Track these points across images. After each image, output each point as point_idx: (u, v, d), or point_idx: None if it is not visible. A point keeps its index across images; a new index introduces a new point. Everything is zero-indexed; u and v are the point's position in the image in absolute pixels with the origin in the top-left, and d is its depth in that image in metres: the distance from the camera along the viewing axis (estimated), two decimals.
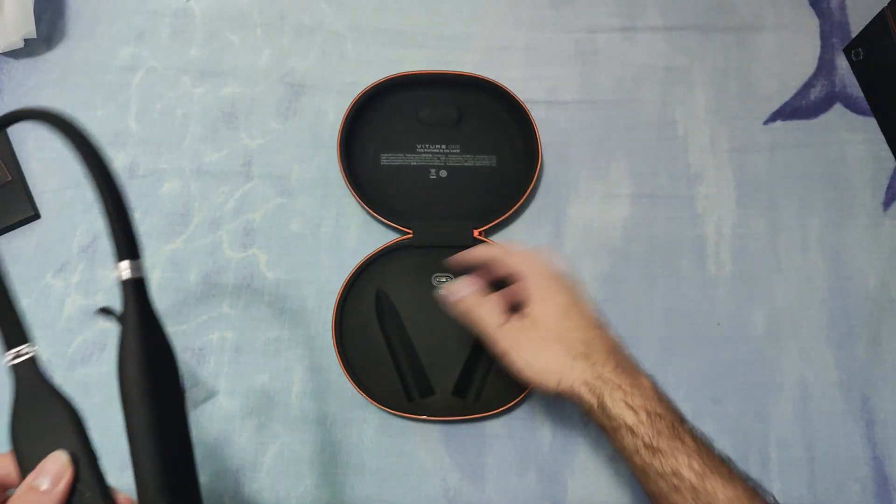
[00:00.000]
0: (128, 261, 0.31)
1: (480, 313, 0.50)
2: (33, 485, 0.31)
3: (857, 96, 0.69)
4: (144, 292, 0.32)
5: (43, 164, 0.65)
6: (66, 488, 0.31)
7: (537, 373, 0.46)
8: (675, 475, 0.40)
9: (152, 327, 0.32)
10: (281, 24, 0.70)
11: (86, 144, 0.31)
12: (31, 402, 0.34)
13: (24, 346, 0.35)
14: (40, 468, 0.31)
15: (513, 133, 0.66)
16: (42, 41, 0.69)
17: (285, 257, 0.62)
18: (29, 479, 0.31)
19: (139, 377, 0.30)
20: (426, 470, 0.57)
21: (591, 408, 0.44)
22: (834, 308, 0.62)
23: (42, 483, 0.31)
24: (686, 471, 0.40)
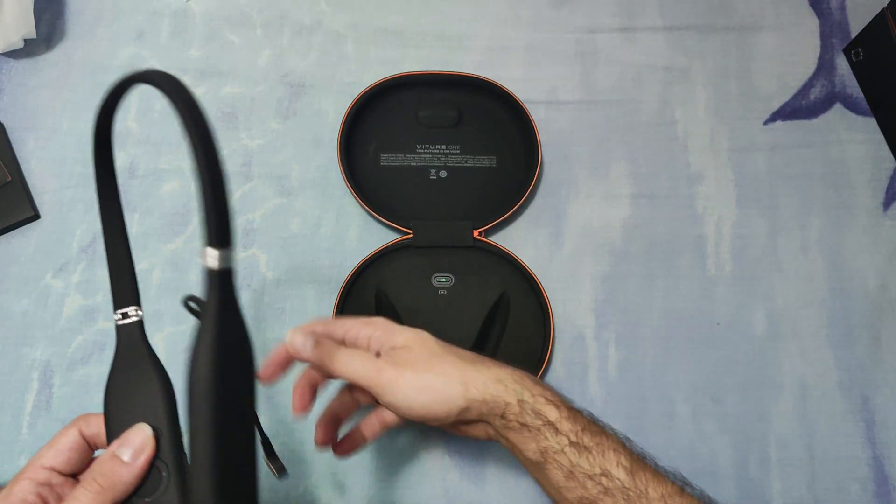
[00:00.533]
0: (218, 250, 0.30)
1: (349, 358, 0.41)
2: (116, 453, 0.31)
3: (856, 96, 0.69)
4: (231, 286, 0.31)
5: (43, 165, 0.64)
6: (145, 463, 0.31)
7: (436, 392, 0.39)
8: (605, 475, 0.37)
9: (234, 324, 0.31)
10: (281, 24, 0.70)
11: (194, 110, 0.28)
12: (130, 367, 0.34)
13: (132, 307, 0.35)
14: (125, 438, 0.32)
15: (513, 133, 0.66)
16: (42, 41, 0.69)
17: (285, 257, 0.62)
18: (113, 446, 0.31)
19: (210, 376, 0.29)
20: (426, 470, 0.57)
21: (507, 408, 0.39)
22: (834, 308, 0.62)
23: (124, 454, 0.31)
24: (615, 469, 0.37)
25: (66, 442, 0.34)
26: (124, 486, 0.31)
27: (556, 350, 0.60)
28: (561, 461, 0.38)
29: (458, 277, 0.60)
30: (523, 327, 0.60)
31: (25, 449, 0.56)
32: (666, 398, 0.59)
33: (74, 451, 0.34)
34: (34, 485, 0.32)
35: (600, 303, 0.62)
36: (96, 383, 0.58)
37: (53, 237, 0.62)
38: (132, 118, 0.66)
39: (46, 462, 0.33)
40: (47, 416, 0.57)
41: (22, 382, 0.58)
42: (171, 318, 0.60)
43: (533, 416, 0.39)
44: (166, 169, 0.65)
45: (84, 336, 0.59)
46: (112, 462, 0.31)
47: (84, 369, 0.59)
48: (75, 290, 0.61)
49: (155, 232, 0.63)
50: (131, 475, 0.31)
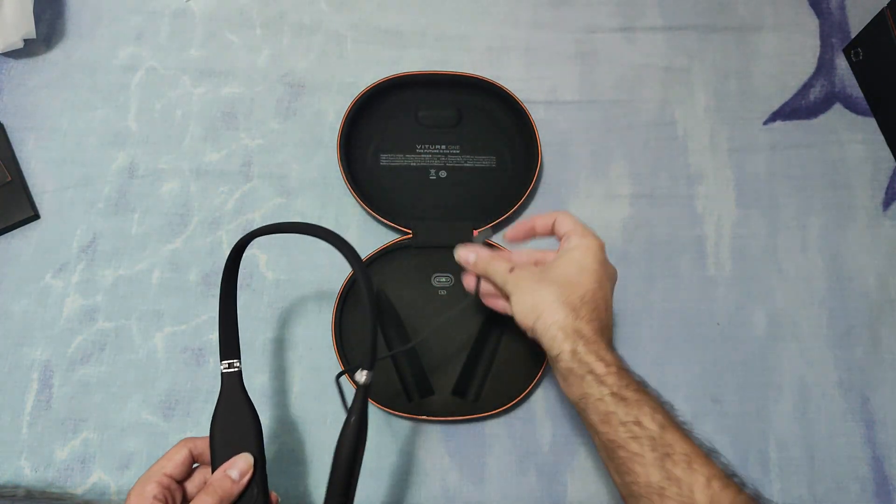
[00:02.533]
0: (367, 371, 0.43)
1: (492, 267, 0.50)
2: (227, 473, 0.42)
3: (856, 96, 0.69)
4: (367, 395, 0.43)
5: (43, 165, 0.64)
6: (246, 482, 0.43)
7: (522, 309, 0.47)
8: (637, 424, 0.40)
9: (365, 421, 0.43)
10: (281, 24, 0.70)
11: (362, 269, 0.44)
12: (231, 407, 0.45)
13: (235, 360, 0.47)
14: (233, 462, 0.43)
15: (512, 133, 0.66)
16: (41, 41, 0.69)
17: (285, 257, 0.62)
18: (225, 466, 0.42)
19: (350, 453, 0.42)
20: (426, 470, 0.57)
21: (561, 353, 0.44)
22: (834, 308, 0.62)
23: (233, 474, 0.42)
24: (648, 421, 0.40)
25: (179, 458, 0.43)
26: (231, 498, 0.42)
27: None
28: (598, 407, 0.42)
29: (458, 277, 0.60)
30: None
31: (25, 449, 0.56)
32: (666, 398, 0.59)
33: (185, 464, 0.43)
34: (160, 487, 0.41)
35: None
36: (96, 383, 0.58)
37: (53, 237, 0.62)
38: (132, 118, 0.66)
39: (167, 471, 0.42)
40: (47, 416, 0.57)
41: (22, 382, 0.58)
42: (171, 318, 0.60)
43: (579, 365, 0.43)
44: (166, 169, 0.65)
45: (84, 336, 0.59)
46: (225, 479, 0.42)
47: (84, 369, 0.58)
48: (75, 290, 0.61)
49: (155, 232, 0.63)
50: (238, 490, 0.42)
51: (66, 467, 0.56)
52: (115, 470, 0.56)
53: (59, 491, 0.55)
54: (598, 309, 0.46)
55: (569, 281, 0.46)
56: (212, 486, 0.42)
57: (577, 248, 0.48)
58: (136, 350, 0.59)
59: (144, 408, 0.58)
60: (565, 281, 0.46)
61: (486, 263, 0.51)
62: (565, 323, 0.44)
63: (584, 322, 0.45)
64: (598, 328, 0.45)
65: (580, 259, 0.47)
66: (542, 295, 0.46)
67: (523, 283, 0.47)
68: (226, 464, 0.43)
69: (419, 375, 0.58)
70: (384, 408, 0.56)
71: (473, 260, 0.52)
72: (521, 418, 0.58)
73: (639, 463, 0.40)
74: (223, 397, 0.45)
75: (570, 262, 0.47)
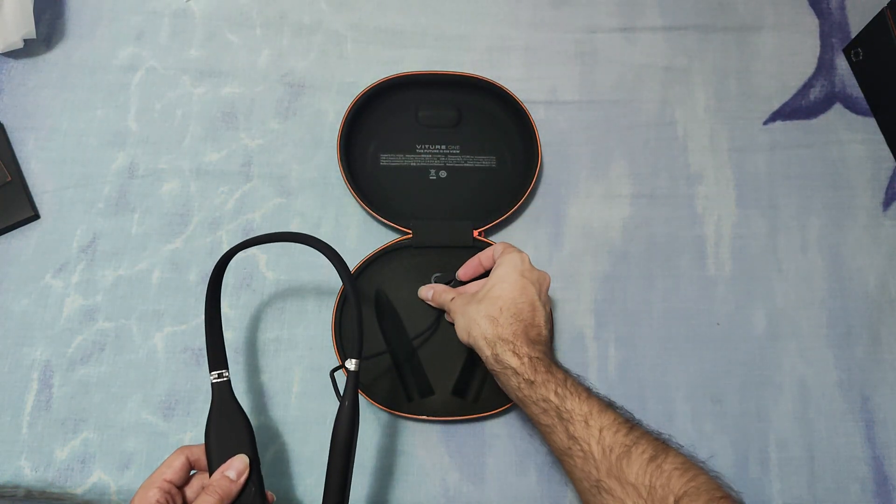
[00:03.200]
0: (355, 360, 0.46)
1: (441, 298, 0.58)
2: (225, 474, 0.45)
3: (856, 96, 0.69)
4: (357, 382, 0.46)
5: (42, 165, 0.64)
6: (244, 481, 0.46)
7: (458, 329, 0.53)
8: (544, 400, 0.47)
9: (356, 406, 0.46)
10: (280, 24, 0.70)
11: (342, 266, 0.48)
12: (223, 414, 0.48)
13: (223, 370, 0.49)
14: (230, 464, 0.46)
15: (512, 133, 0.66)
16: (41, 41, 0.69)
17: (285, 257, 0.62)
18: (222, 468, 0.45)
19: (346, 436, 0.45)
20: (426, 470, 0.57)
21: (486, 359, 0.50)
22: (833, 308, 0.62)
23: (231, 474, 0.45)
24: (552, 395, 0.46)
25: (177, 464, 0.46)
26: (231, 497, 0.45)
27: (556, 350, 0.60)
28: (518, 395, 0.49)
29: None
30: None
31: (25, 449, 0.56)
32: (666, 398, 0.59)
33: (183, 470, 0.46)
34: (161, 493, 0.44)
35: (600, 303, 0.62)
36: (96, 383, 0.58)
37: (53, 237, 0.62)
38: (132, 118, 0.66)
39: (167, 477, 0.45)
40: (47, 416, 0.57)
41: (22, 382, 0.58)
42: (170, 318, 0.60)
43: (500, 365, 0.49)
44: (166, 169, 0.65)
45: (84, 336, 0.59)
46: (223, 479, 0.45)
47: (84, 369, 0.58)
48: (75, 291, 0.61)
49: (155, 232, 0.63)
50: (236, 488, 0.45)
51: (66, 467, 0.56)
52: (115, 470, 0.56)
53: (59, 491, 0.55)
54: (519, 313, 0.51)
55: (491, 296, 0.52)
56: (212, 486, 0.44)
57: (500, 265, 0.54)
58: (136, 350, 0.59)
59: (144, 408, 0.58)
60: (488, 297, 0.52)
61: (437, 296, 0.58)
62: (487, 333, 0.50)
63: (503, 328, 0.50)
64: (518, 330, 0.50)
65: (502, 274, 0.53)
66: (470, 313, 0.52)
67: (459, 307, 0.54)
68: (223, 465, 0.46)
69: (419, 375, 0.58)
70: (384, 408, 0.56)
71: (430, 295, 0.59)
72: (521, 418, 0.58)
73: (553, 433, 0.46)
74: (215, 406, 0.48)
75: (495, 279, 0.53)
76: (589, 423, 0.45)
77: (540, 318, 0.52)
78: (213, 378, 0.49)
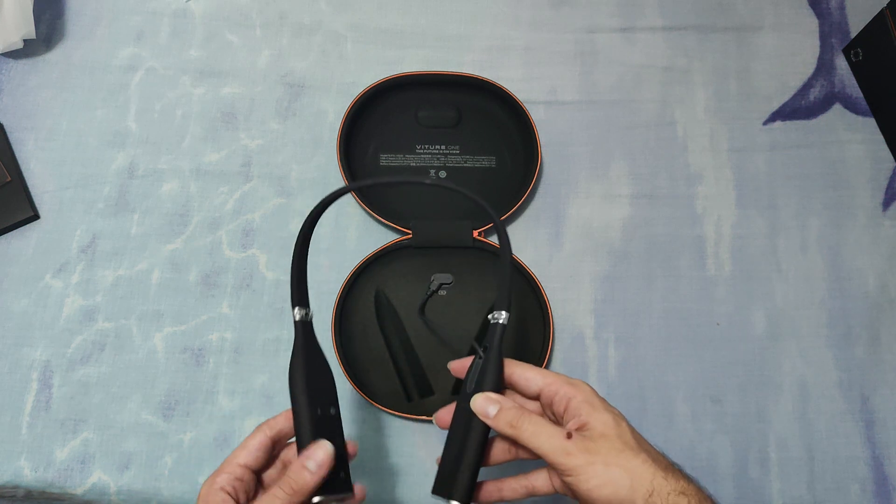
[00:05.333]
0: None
1: (536, 430, 0.41)
2: (305, 464, 0.40)
3: (856, 97, 0.69)
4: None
5: (42, 165, 0.64)
6: (324, 473, 0.40)
7: (621, 489, 0.39)
8: None
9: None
10: (280, 24, 0.70)
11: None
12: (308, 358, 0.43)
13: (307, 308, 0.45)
14: (311, 453, 0.40)
15: (512, 133, 0.66)
16: (41, 42, 0.69)
17: (285, 257, 0.62)
18: (302, 458, 0.40)
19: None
20: (426, 470, 0.57)
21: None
22: (833, 308, 0.62)
23: (311, 465, 0.40)
24: None
25: (254, 444, 0.42)
26: (308, 490, 0.39)
27: (556, 350, 0.60)
28: None
29: (458, 277, 0.60)
30: (523, 327, 0.60)
31: (25, 449, 0.56)
32: (665, 398, 0.59)
33: (262, 450, 0.42)
34: (232, 478, 0.40)
35: (600, 303, 0.62)
36: (95, 384, 0.58)
37: (53, 237, 0.62)
38: (132, 118, 0.66)
39: (241, 460, 0.41)
40: (47, 416, 0.57)
41: (22, 382, 0.58)
42: (170, 318, 0.60)
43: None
44: (166, 169, 0.65)
45: (84, 336, 0.59)
46: (302, 471, 0.39)
47: (84, 369, 0.58)
48: (75, 291, 0.61)
49: (154, 232, 0.63)
50: (314, 481, 0.39)
51: (66, 467, 0.56)
52: (114, 470, 0.56)
53: (58, 491, 0.55)
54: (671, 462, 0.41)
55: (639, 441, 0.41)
56: (287, 477, 0.40)
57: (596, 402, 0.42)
58: (136, 350, 0.59)
59: (144, 408, 0.58)
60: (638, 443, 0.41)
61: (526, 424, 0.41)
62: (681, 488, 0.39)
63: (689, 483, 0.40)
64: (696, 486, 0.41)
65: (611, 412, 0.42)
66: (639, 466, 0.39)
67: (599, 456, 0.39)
68: (304, 453, 0.40)
69: (419, 375, 0.58)
70: (384, 408, 0.56)
71: (494, 414, 0.42)
72: None
73: None
74: (297, 349, 0.43)
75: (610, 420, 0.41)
76: None
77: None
78: (296, 315, 0.44)
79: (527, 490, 0.44)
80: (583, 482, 0.39)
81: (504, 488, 0.44)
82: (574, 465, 0.39)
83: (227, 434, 0.57)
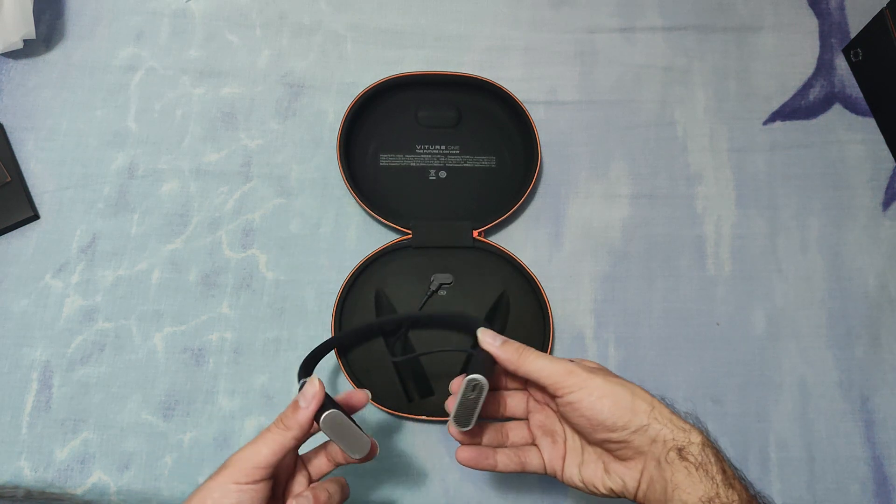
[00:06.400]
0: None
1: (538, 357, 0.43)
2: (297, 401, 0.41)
3: (856, 97, 0.69)
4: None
5: (42, 165, 0.64)
6: (316, 406, 0.41)
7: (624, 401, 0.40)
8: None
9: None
10: (280, 25, 0.70)
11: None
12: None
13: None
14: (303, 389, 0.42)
15: (512, 133, 0.66)
16: (41, 42, 0.69)
17: (285, 258, 0.62)
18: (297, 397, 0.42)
19: None
20: (426, 470, 0.57)
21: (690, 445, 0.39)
22: (833, 308, 0.62)
23: (301, 399, 0.41)
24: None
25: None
26: (301, 423, 0.41)
27: (556, 350, 0.61)
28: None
29: (458, 277, 0.60)
30: (523, 327, 0.60)
31: (25, 449, 0.56)
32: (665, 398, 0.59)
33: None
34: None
35: (600, 303, 0.62)
36: (95, 384, 0.58)
37: (53, 237, 0.62)
38: (132, 118, 0.66)
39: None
40: (47, 416, 0.57)
41: (22, 382, 0.58)
42: (170, 318, 0.60)
43: (713, 462, 0.38)
44: (166, 169, 0.65)
45: (84, 336, 0.59)
46: (293, 406, 0.41)
47: (83, 369, 0.58)
48: (74, 291, 0.61)
49: (154, 232, 0.63)
50: (307, 415, 0.41)
51: (66, 467, 0.56)
52: (114, 470, 0.56)
53: (58, 491, 0.55)
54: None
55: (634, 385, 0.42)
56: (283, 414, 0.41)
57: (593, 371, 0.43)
58: (136, 350, 0.59)
59: (144, 408, 0.58)
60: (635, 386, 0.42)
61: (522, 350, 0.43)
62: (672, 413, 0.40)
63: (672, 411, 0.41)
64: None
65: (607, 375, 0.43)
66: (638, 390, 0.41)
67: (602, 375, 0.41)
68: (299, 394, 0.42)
69: (419, 376, 0.58)
70: (384, 408, 0.56)
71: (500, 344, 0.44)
72: None
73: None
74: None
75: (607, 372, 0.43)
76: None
77: None
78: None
79: (519, 463, 0.46)
80: (585, 396, 0.40)
81: (500, 455, 0.46)
82: (575, 381, 0.41)
83: (227, 434, 0.57)
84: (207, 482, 0.40)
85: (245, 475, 0.40)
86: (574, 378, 0.41)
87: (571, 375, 0.41)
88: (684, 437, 0.39)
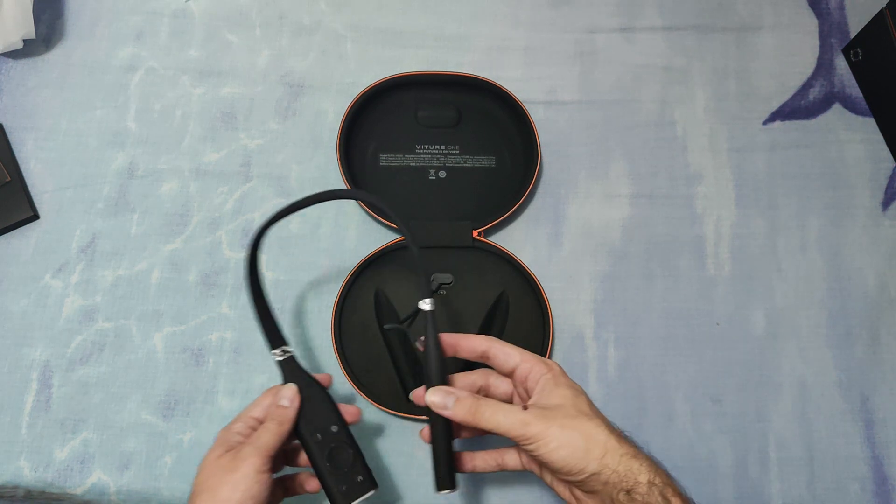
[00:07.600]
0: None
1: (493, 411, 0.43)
2: (279, 403, 0.47)
3: (855, 96, 0.69)
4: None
5: (42, 165, 0.64)
6: (297, 404, 0.47)
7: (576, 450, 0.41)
8: None
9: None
10: (280, 25, 0.70)
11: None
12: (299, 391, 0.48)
13: (285, 345, 0.50)
14: (282, 393, 0.48)
15: (512, 133, 0.66)
16: (41, 42, 0.69)
17: (284, 257, 0.62)
18: (275, 400, 0.47)
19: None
20: (426, 470, 0.57)
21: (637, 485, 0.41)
22: (833, 308, 0.62)
23: (283, 401, 0.47)
24: None
25: (265, 402, 0.48)
26: (289, 419, 0.46)
27: (556, 350, 0.61)
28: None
29: (458, 277, 0.60)
30: (522, 327, 0.60)
31: (25, 449, 0.56)
32: (665, 398, 0.59)
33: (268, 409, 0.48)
34: (245, 426, 0.47)
35: (599, 303, 0.62)
36: (95, 383, 0.58)
37: (52, 237, 0.62)
38: (131, 118, 0.66)
39: (255, 414, 0.48)
40: (47, 416, 0.57)
41: (21, 382, 0.58)
42: (170, 318, 0.60)
43: (661, 500, 0.40)
44: (166, 169, 0.65)
45: (83, 336, 0.59)
46: (279, 407, 0.47)
47: (83, 369, 0.58)
48: (74, 291, 0.61)
49: (154, 232, 0.63)
50: (291, 413, 0.47)
51: (66, 467, 0.56)
52: (114, 470, 0.56)
53: (58, 491, 0.55)
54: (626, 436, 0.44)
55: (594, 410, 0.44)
56: (270, 414, 0.47)
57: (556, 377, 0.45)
58: (136, 350, 0.59)
59: (144, 408, 0.58)
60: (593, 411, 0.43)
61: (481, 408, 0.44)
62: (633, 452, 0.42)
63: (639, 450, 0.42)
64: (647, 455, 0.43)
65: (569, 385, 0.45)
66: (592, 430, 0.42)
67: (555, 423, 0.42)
68: (275, 397, 0.47)
69: (418, 375, 0.58)
70: (384, 408, 0.56)
71: (452, 405, 0.44)
72: None
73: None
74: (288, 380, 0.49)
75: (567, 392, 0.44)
76: None
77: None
78: (276, 356, 0.49)
79: (497, 464, 0.48)
80: (542, 446, 0.42)
81: (476, 459, 0.48)
82: (533, 433, 0.42)
83: None
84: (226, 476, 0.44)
85: (264, 463, 0.44)
86: (530, 430, 0.42)
87: (527, 427, 0.42)
88: (632, 477, 0.41)
